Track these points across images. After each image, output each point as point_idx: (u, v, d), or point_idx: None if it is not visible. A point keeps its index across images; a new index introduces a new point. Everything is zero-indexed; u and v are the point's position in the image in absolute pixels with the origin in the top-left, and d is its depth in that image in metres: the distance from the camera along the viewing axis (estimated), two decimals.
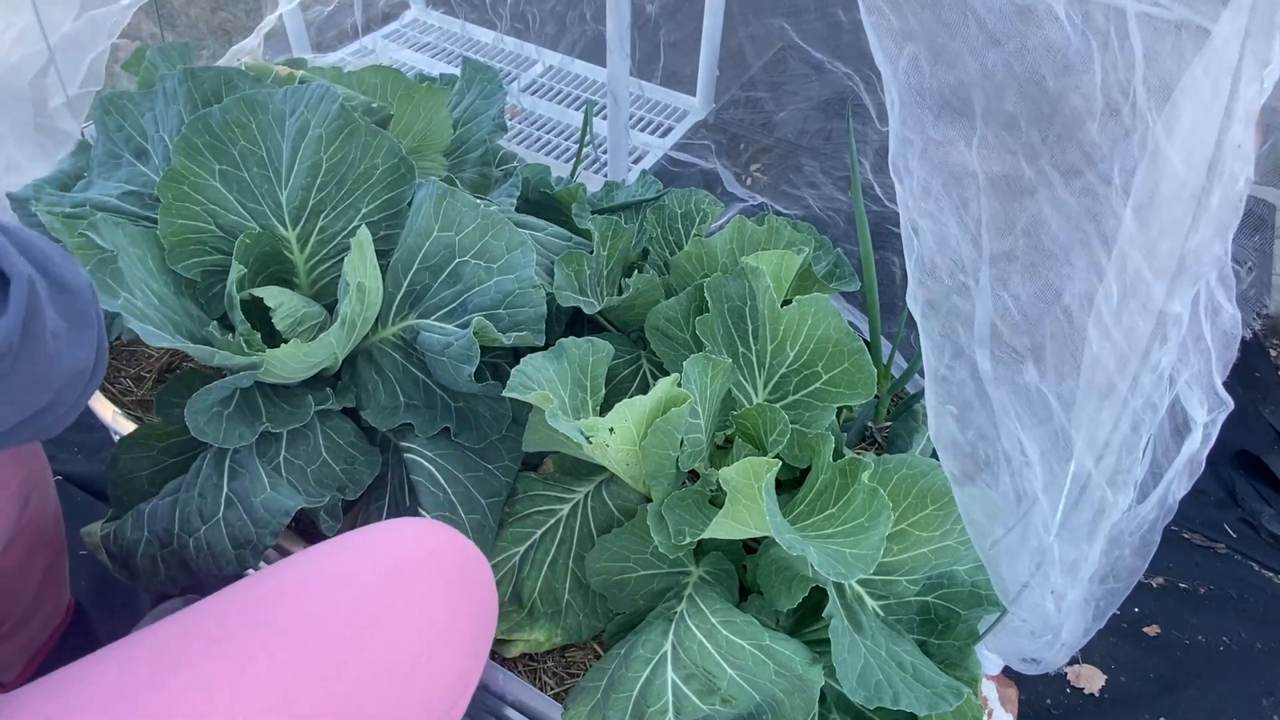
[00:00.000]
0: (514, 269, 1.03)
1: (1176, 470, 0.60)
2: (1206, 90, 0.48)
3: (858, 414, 1.29)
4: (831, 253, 1.29)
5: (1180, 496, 0.63)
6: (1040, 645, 0.77)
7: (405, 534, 0.79)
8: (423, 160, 1.31)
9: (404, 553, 0.77)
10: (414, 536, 0.79)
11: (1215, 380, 0.57)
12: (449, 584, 0.77)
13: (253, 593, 0.73)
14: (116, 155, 1.12)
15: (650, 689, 0.90)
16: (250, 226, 1.06)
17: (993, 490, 0.72)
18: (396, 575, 0.74)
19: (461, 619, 0.77)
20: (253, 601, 0.72)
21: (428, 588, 0.75)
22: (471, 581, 0.80)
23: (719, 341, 1.10)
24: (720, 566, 1.02)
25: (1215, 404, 0.58)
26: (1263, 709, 1.29)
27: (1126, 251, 0.54)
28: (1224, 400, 0.58)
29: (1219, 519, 1.52)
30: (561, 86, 2.31)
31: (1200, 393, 0.58)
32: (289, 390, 1.06)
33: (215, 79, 1.11)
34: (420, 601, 0.74)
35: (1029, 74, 0.58)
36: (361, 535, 0.79)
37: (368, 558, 0.76)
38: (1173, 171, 0.50)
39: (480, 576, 0.81)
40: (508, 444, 1.08)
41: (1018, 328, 0.64)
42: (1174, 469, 0.60)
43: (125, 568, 1.01)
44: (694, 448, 0.99)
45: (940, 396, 0.70)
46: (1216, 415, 0.59)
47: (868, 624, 0.91)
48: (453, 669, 0.75)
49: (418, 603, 0.74)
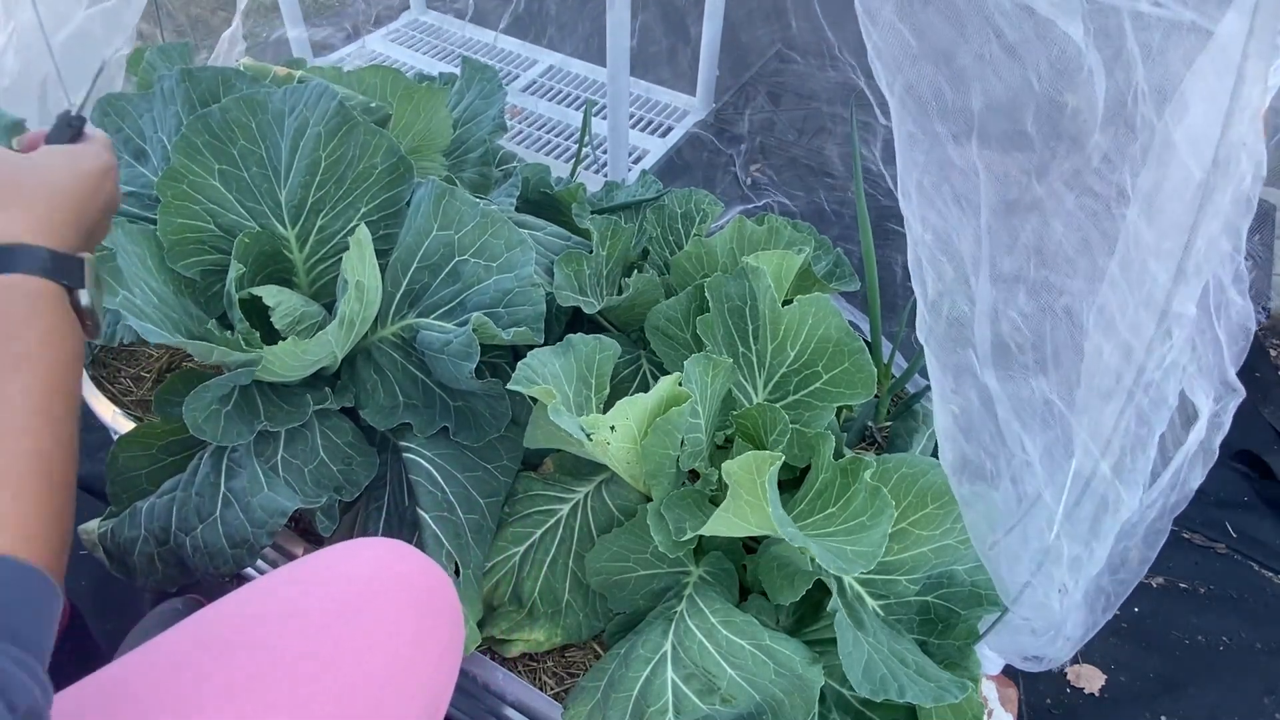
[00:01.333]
0: (513, 267, 1.03)
1: (1186, 456, 0.60)
2: (1212, 88, 0.47)
3: (858, 414, 1.29)
4: (831, 252, 1.29)
5: (1194, 486, 0.63)
6: (1042, 642, 0.77)
7: (365, 558, 0.77)
8: (422, 160, 1.30)
9: (363, 582, 0.75)
10: (374, 561, 0.77)
11: (1228, 370, 0.57)
12: (415, 611, 0.75)
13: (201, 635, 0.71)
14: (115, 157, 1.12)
15: (650, 689, 0.90)
16: (249, 225, 1.06)
17: (994, 491, 0.71)
18: (354, 609, 0.72)
19: (429, 646, 0.75)
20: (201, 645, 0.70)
21: (390, 620, 0.73)
22: (437, 606, 0.77)
23: (719, 341, 1.10)
24: (720, 566, 1.02)
25: (1224, 393, 0.58)
26: (1263, 708, 1.29)
27: (1133, 249, 0.54)
28: (1235, 388, 0.58)
29: (1219, 519, 1.52)
30: (561, 86, 2.31)
31: (1208, 383, 0.58)
32: (287, 389, 1.06)
33: (213, 79, 1.11)
34: (382, 633, 0.72)
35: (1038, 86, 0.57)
36: (322, 562, 0.77)
37: (327, 588, 0.74)
38: (1179, 169, 0.50)
39: (446, 599, 0.79)
40: (507, 444, 1.08)
41: (1025, 340, 0.64)
42: (1182, 454, 0.60)
43: (122, 565, 1.01)
44: (694, 447, 0.99)
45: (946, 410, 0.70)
46: (1227, 403, 0.58)
47: (868, 623, 0.91)
48: (421, 694, 0.74)
49: (379, 634, 0.72)
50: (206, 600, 1.23)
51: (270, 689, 0.67)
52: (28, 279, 0.62)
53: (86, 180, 0.71)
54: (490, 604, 1.05)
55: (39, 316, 0.62)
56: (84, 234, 0.70)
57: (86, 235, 0.71)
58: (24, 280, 0.62)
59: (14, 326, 0.60)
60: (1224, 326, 0.56)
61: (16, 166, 0.69)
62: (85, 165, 0.72)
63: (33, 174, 0.69)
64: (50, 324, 0.62)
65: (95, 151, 0.74)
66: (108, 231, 0.77)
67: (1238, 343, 0.57)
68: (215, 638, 0.70)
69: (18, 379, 0.58)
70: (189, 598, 1.24)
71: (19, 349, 0.59)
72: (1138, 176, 0.54)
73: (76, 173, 0.71)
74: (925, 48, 0.60)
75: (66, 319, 0.64)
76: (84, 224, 0.70)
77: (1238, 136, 0.48)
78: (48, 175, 0.69)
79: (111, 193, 0.75)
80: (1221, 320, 0.56)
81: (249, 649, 0.69)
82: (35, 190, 0.67)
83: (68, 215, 0.68)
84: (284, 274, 1.12)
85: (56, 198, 0.68)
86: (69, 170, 0.71)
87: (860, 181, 1.26)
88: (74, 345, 0.64)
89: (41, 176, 0.69)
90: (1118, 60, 0.54)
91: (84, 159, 0.73)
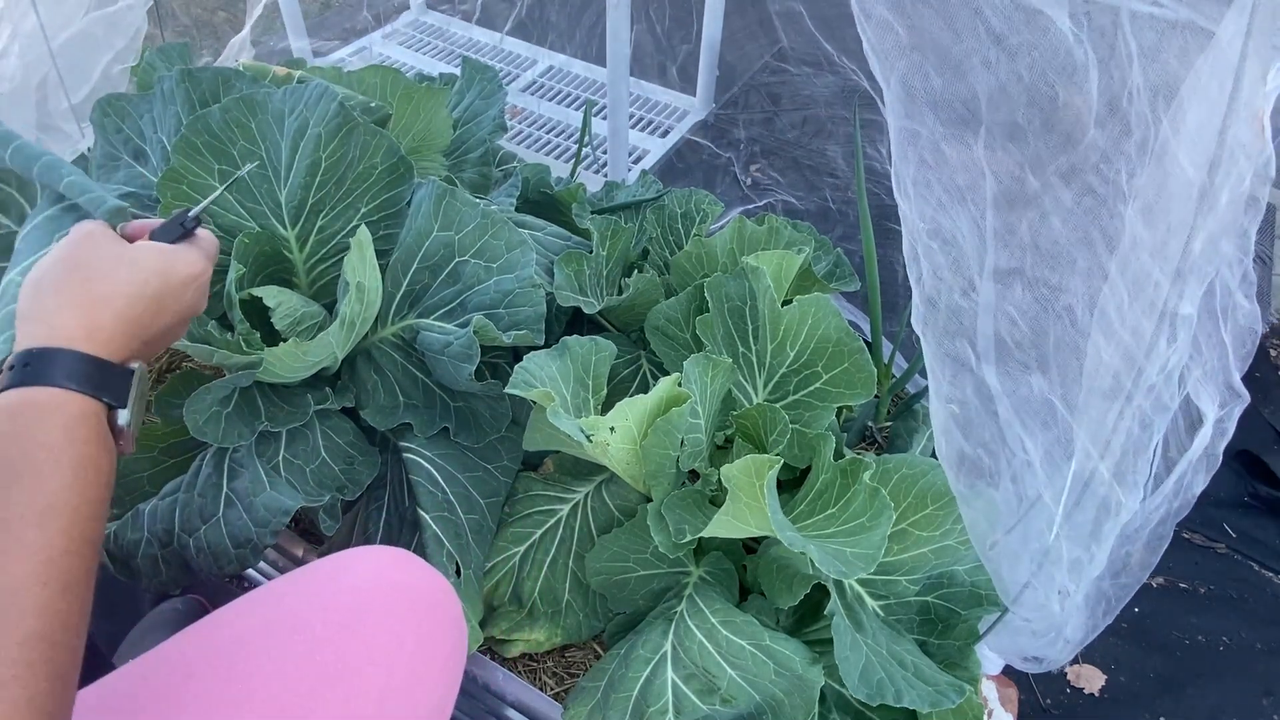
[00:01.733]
0: (514, 268, 1.03)
1: (1190, 463, 0.60)
2: (1212, 90, 0.47)
3: (858, 414, 1.29)
4: (831, 252, 1.29)
5: (1197, 491, 0.62)
6: (1043, 644, 0.77)
7: (366, 567, 0.76)
8: (422, 160, 1.31)
9: (365, 592, 0.74)
10: (376, 570, 0.76)
11: (1233, 375, 0.57)
12: (417, 621, 0.74)
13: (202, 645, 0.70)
14: (115, 157, 1.12)
15: (650, 689, 0.90)
16: (249, 226, 1.06)
17: (993, 490, 0.71)
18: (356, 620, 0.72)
19: (432, 655, 0.74)
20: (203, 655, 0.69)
21: (392, 630, 0.72)
22: (439, 615, 0.76)
23: (719, 341, 1.10)
24: (720, 566, 1.02)
25: (1229, 398, 0.58)
26: (1263, 709, 1.29)
27: (1133, 251, 0.54)
28: (1240, 394, 0.58)
29: (1219, 519, 1.52)
30: (561, 86, 2.31)
31: (1213, 388, 0.58)
32: (288, 390, 1.06)
33: (213, 80, 1.11)
34: (384, 644, 0.71)
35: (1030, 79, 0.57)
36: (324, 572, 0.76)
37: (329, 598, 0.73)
38: (1179, 171, 0.50)
39: (448, 608, 0.78)
40: (507, 444, 1.08)
41: (1023, 337, 0.64)
42: (1185, 461, 0.60)
43: (126, 568, 1.01)
44: (694, 447, 0.99)
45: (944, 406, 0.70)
46: (1231, 409, 0.58)
47: (868, 623, 0.91)
48: (425, 702, 0.73)
49: (381, 645, 0.71)
50: (207, 601, 1.24)
51: (272, 701, 0.67)
52: (67, 397, 0.59)
53: (170, 287, 0.68)
54: (490, 604, 1.05)
55: (72, 445, 0.58)
56: (148, 341, 0.67)
57: (150, 342, 0.67)
58: (62, 399, 0.58)
59: (43, 465, 0.56)
60: (1230, 330, 0.56)
61: (99, 261, 0.65)
62: (177, 271, 0.69)
63: (114, 271, 0.65)
64: (83, 455, 0.58)
65: (192, 259, 0.71)
66: (179, 337, 0.74)
67: (1244, 346, 0.57)
68: (216, 648, 0.70)
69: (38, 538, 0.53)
70: (189, 598, 1.24)
71: (43, 500, 0.54)
72: (1134, 175, 0.54)
73: (165, 277, 0.67)
74: (919, 42, 0.60)
75: (102, 444, 0.60)
76: (150, 331, 0.67)
77: (1236, 138, 0.48)
78: (131, 275, 0.65)
79: (194, 301, 0.71)
80: (1228, 324, 0.56)
81: (250, 660, 0.69)
82: (104, 291, 0.64)
83: (130, 324, 0.64)
84: (284, 274, 1.12)
85: (123, 302, 0.64)
86: (159, 274, 0.67)
87: (862, 180, 1.26)
88: (105, 477, 0.59)
89: (121, 276, 0.65)
90: (1113, 58, 0.54)
91: (178, 263, 0.69)
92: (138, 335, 0.65)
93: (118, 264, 0.66)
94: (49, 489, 0.55)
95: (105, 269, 0.65)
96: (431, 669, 0.74)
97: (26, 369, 0.59)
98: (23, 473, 0.55)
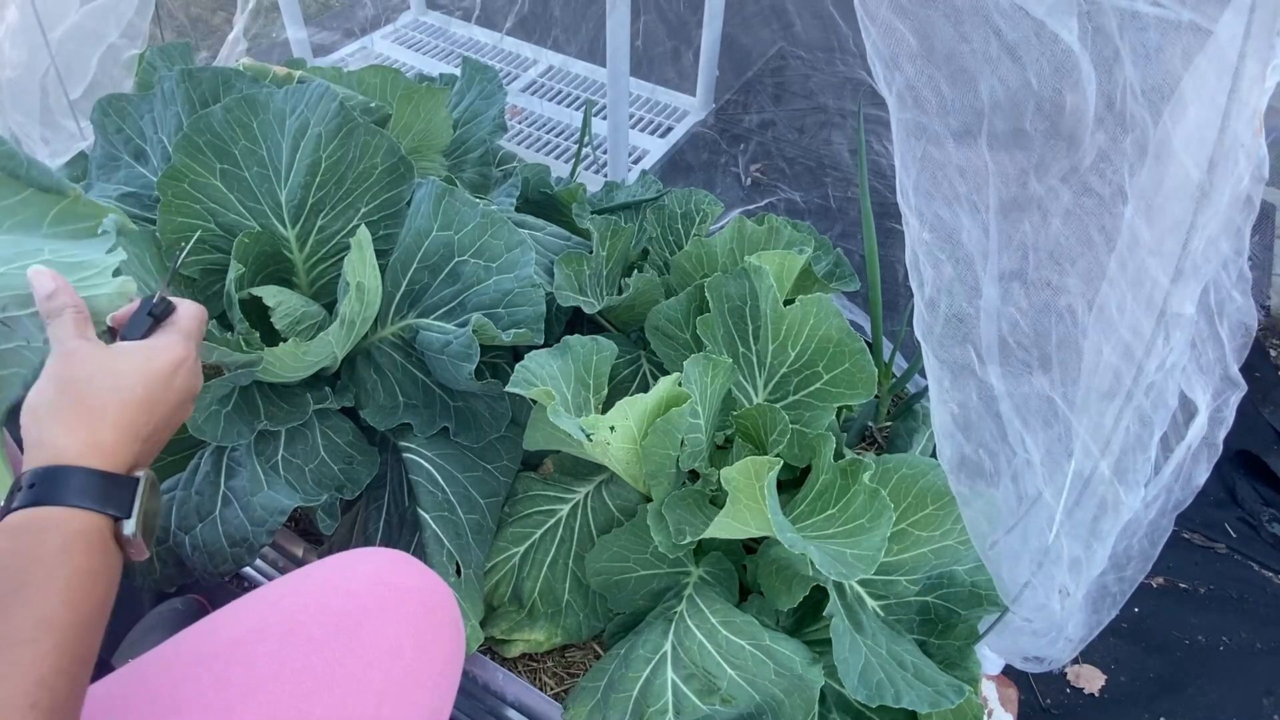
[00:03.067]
0: (513, 268, 1.03)
1: (1189, 451, 0.60)
2: (1210, 88, 0.47)
3: (858, 414, 1.29)
4: (832, 252, 1.29)
5: (1199, 483, 0.62)
6: (1043, 643, 0.77)
7: (364, 571, 0.76)
8: (422, 160, 1.31)
9: (363, 596, 0.74)
10: (374, 574, 0.76)
11: (1230, 364, 0.57)
12: (415, 624, 0.74)
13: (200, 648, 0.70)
14: (115, 157, 1.12)
15: (650, 689, 0.90)
16: (250, 225, 1.06)
17: (993, 489, 0.71)
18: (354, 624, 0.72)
19: (430, 658, 0.74)
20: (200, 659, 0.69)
21: (389, 634, 0.72)
22: (438, 619, 0.77)
23: (719, 341, 1.10)
24: (720, 566, 1.02)
25: (1225, 387, 0.58)
26: (1263, 709, 1.29)
27: (1132, 250, 0.54)
28: (1236, 382, 0.58)
29: (1219, 519, 1.52)
30: (561, 86, 2.31)
31: (1208, 380, 0.58)
32: (288, 389, 1.06)
33: (213, 79, 1.11)
34: (382, 648, 0.71)
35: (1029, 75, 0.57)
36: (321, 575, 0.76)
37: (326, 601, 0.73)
38: (1178, 170, 0.50)
39: (446, 611, 0.78)
40: (507, 444, 1.08)
41: (1025, 337, 0.64)
42: (1183, 449, 0.60)
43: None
44: (694, 447, 0.99)
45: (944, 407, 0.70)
46: (1229, 397, 0.58)
47: (868, 623, 0.91)
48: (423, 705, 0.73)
49: (379, 649, 0.71)
50: (206, 600, 1.24)
51: (270, 705, 0.67)
52: (69, 514, 0.60)
53: (154, 383, 0.68)
54: (490, 604, 1.05)
55: (69, 561, 0.58)
56: (148, 439, 0.67)
57: (151, 439, 0.68)
58: (64, 516, 0.59)
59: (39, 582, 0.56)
60: (1225, 324, 0.56)
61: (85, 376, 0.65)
62: (156, 366, 0.68)
63: (99, 383, 0.65)
64: (81, 568, 0.58)
65: (170, 347, 0.70)
66: (185, 419, 0.73)
67: (1238, 338, 0.57)
68: (214, 651, 0.70)
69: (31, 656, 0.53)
70: (189, 598, 1.24)
71: (37, 617, 0.55)
72: (1133, 175, 0.54)
73: (146, 377, 0.67)
74: (924, 46, 0.60)
75: (103, 556, 0.61)
76: (147, 430, 0.67)
77: (1235, 137, 0.48)
78: (115, 384, 0.66)
79: (185, 385, 0.71)
80: (1223, 319, 0.56)
81: (248, 664, 0.69)
82: (96, 405, 0.64)
83: (126, 431, 0.65)
84: (284, 274, 1.12)
85: (116, 411, 0.65)
86: (139, 375, 0.67)
87: (865, 179, 1.26)
88: (104, 590, 0.59)
89: (106, 386, 0.65)
90: (1115, 59, 0.54)
91: (155, 360, 0.69)
92: (136, 438, 0.66)
93: (102, 375, 0.66)
94: (43, 606, 0.56)
95: (93, 384, 0.65)
96: (430, 672, 0.74)
97: (33, 489, 0.60)
98: (18, 590, 0.56)
